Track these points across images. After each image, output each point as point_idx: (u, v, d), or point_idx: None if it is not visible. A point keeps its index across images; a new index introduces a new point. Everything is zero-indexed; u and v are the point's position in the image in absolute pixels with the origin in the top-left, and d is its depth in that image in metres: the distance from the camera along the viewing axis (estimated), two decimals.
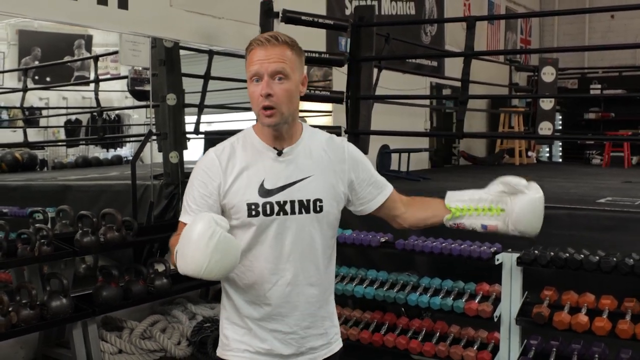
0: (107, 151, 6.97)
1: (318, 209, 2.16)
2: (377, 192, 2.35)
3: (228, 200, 2.12)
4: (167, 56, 5.68)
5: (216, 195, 2.12)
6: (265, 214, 2.10)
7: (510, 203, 2.22)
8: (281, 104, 2.06)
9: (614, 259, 3.82)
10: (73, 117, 6.65)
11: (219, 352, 2.26)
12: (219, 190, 2.12)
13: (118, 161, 6.87)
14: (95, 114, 6.46)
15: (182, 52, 5.88)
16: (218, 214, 2.11)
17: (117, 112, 6.88)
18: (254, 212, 2.09)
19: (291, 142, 2.17)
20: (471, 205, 2.25)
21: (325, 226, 2.21)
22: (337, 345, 2.34)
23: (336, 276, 4.70)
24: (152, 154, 5.73)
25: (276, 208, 2.11)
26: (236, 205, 2.10)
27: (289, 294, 2.15)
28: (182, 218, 2.17)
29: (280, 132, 2.13)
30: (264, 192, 2.11)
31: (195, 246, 1.82)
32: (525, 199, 2.21)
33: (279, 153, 2.14)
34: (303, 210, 2.14)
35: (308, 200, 2.14)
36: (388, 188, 2.38)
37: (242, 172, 2.12)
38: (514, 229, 2.24)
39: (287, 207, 2.12)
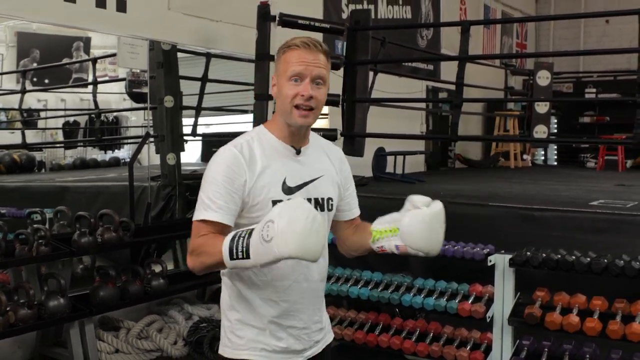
0: (105, 153, 6.98)
1: (330, 207, 2.25)
2: (353, 206, 2.43)
3: (252, 197, 2.13)
4: (164, 59, 5.72)
5: (241, 192, 2.12)
6: None
7: (402, 220, 2.14)
8: (318, 107, 2.15)
9: (605, 260, 3.88)
10: (71, 119, 6.66)
11: (230, 353, 2.25)
12: (244, 187, 2.12)
13: (116, 163, 6.88)
14: (93, 115, 6.48)
15: (179, 54, 5.92)
16: (239, 210, 2.14)
17: (115, 114, 6.90)
18: None
19: (305, 143, 2.25)
20: (386, 227, 2.18)
21: (329, 223, 2.31)
22: (330, 335, 2.42)
23: (331, 277, 4.78)
24: (150, 156, 5.76)
25: None
26: (260, 202, 2.12)
27: (305, 290, 2.21)
28: (205, 216, 2.11)
29: (300, 133, 2.20)
30: (287, 189, 2.16)
31: (303, 228, 1.80)
32: (413, 214, 2.11)
33: (298, 152, 2.21)
34: (319, 208, 2.20)
35: (322, 199, 2.23)
36: (357, 208, 2.46)
37: (265, 170, 2.15)
38: (408, 246, 2.14)
39: None
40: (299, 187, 2.17)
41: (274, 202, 2.10)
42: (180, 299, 5.43)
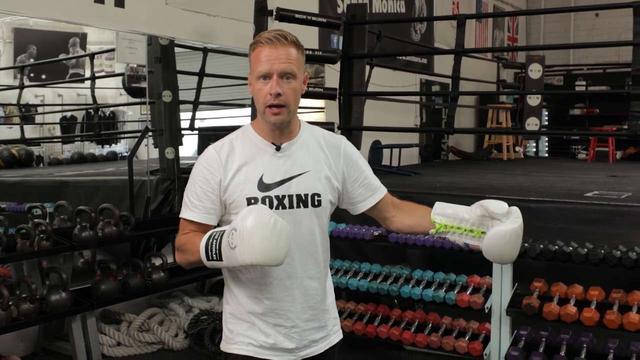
0: (102, 147, 7.00)
1: (316, 203, 2.20)
2: (368, 195, 2.35)
3: (228, 195, 2.15)
4: (162, 54, 5.75)
5: (217, 191, 2.15)
6: None
7: (489, 230, 2.15)
8: (289, 103, 2.11)
9: (602, 251, 3.92)
10: (68, 114, 6.68)
11: (224, 347, 2.28)
12: (220, 186, 2.14)
13: (113, 157, 6.90)
14: (90, 110, 6.50)
15: (177, 49, 5.94)
16: (220, 209, 2.17)
17: (111, 108, 6.93)
18: None
19: (290, 138, 2.21)
20: (454, 224, 2.21)
21: (324, 220, 2.26)
22: (337, 336, 2.38)
23: (330, 269, 4.80)
24: (149, 150, 5.80)
25: (275, 202, 2.14)
26: (236, 200, 2.13)
27: (289, 287, 2.19)
28: (184, 215, 2.18)
29: (281, 129, 2.17)
30: (263, 186, 2.14)
31: (261, 237, 1.87)
32: (497, 231, 2.12)
33: (278, 148, 2.18)
34: (301, 205, 2.18)
35: (306, 195, 2.18)
36: (380, 192, 2.38)
37: (241, 168, 2.15)
38: (489, 257, 2.19)
39: (286, 202, 2.15)
40: (277, 184, 2.15)
41: (249, 200, 2.11)
42: (181, 291, 5.47)
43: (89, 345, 4.42)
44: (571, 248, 4.04)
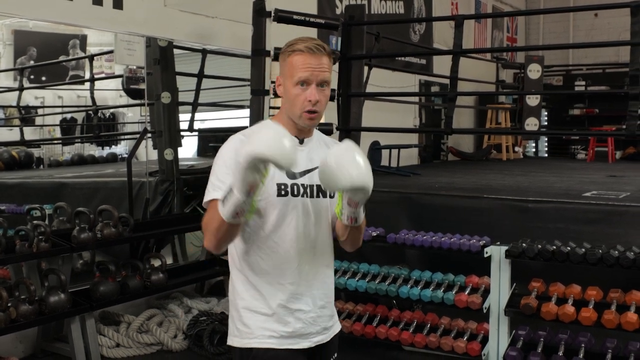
0: (102, 149, 7.02)
1: (332, 194, 2.29)
2: None
3: None
4: (161, 55, 5.78)
5: None
6: (293, 194, 2.22)
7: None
8: (323, 108, 2.23)
9: (600, 251, 3.93)
10: (68, 116, 6.70)
11: (238, 342, 2.28)
12: None
13: (113, 159, 6.92)
14: (90, 112, 6.52)
15: (176, 51, 5.96)
16: None
17: (111, 110, 6.95)
18: (282, 192, 2.21)
19: (308, 136, 2.33)
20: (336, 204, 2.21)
21: (333, 211, 2.32)
22: (337, 326, 2.46)
23: None
24: (148, 152, 5.81)
25: (301, 190, 2.24)
26: (265, 184, 2.11)
27: (309, 273, 2.27)
28: (212, 195, 2.15)
29: (305, 128, 2.28)
30: (291, 174, 2.23)
31: (272, 133, 1.90)
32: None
33: (301, 142, 2.29)
34: (321, 195, 2.28)
35: None
36: None
37: None
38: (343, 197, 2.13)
39: (309, 190, 2.25)
40: (302, 173, 2.24)
41: (279, 185, 2.20)
42: (180, 293, 5.48)
43: (88, 346, 4.43)
44: (569, 248, 4.05)
